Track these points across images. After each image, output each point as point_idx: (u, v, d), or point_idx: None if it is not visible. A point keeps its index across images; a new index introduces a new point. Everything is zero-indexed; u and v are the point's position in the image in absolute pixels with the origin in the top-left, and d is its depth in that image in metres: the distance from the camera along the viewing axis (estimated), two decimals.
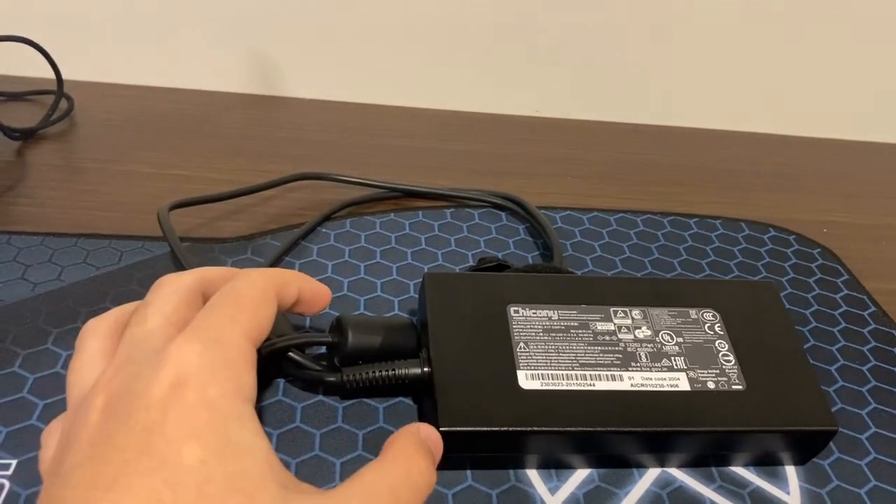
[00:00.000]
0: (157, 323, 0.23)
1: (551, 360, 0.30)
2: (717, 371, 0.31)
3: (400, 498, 0.22)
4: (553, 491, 0.29)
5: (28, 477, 0.27)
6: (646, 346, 0.31)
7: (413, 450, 0.23)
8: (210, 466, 0.19)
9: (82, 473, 0.19)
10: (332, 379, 0.31)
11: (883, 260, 0.48)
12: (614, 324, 0.32)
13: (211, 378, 0.21)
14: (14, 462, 0.28)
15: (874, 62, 0.62)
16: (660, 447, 0.30)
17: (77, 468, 0.19)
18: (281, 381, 0.32)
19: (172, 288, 0.24)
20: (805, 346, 0.39)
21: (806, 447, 0.31)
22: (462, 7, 0.58)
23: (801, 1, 0.59)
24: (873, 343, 0.40)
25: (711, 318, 0.33)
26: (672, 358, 0.31)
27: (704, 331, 0.32)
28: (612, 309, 0.32)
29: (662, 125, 0.63)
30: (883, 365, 0.38)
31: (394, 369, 0.30)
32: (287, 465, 0.27)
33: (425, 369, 0.30)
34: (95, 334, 0.24)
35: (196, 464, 0.19)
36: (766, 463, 0.31)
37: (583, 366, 0.30)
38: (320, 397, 0.32)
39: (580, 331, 0.31)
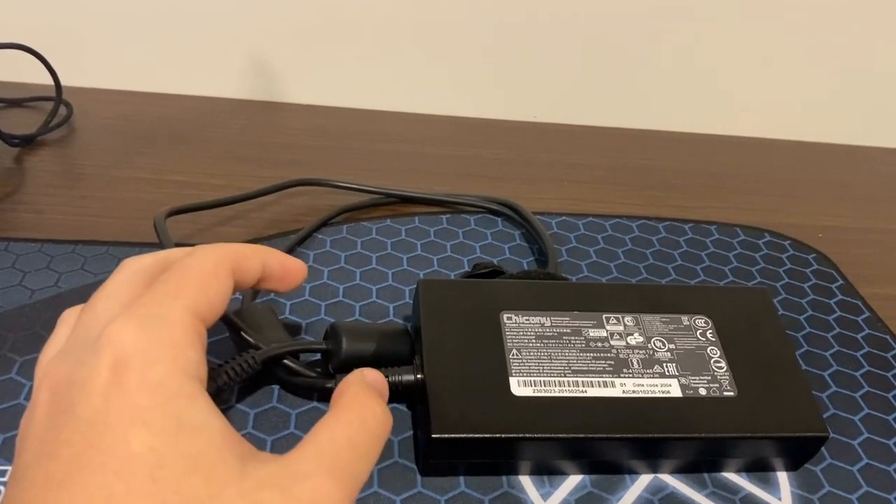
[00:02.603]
0: (106, 307, 0.22)
1: (544, 366, 0.30)
2: (709, 377, 0.31)
3: (359, 447, 0.21)
4: (545, 497, 0.30)
5: None
6: (638, 353, 0.31)
7: (364, 396, 0.23)
8: (161, 451, 0.18)
9: (34, 473, 0.19)
10: (326, 385, 0.31)
11: (878, 265, 0.48)
12: (606, 330, 0.32)
13: (152, 358, 0.20)
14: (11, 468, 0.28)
15: (871, 67, 0.63)
16: (651, 453, 0.30)
17: (29, 467, 0.19)
18: (276, 388, 0.33)
19: (130, 270, 0.24)
20: (799, 352, 0.39)
21: (797, 453, 0.31)
22: (459, 12, 0.58)
23: (797, 6, 0.59)
24: (867, 348, 0.40)
25: (703, 325, 0.33)
26: (664, 364, 0.31)
27: (696, 337, 0.32)
28: (604, 315, 0.32)
29: (658, 130, 0.63)
30: (876, 370, 0.38)
31: (387, 376, 0.30)
32: None
33: (418, 376, 0.30)
34: (66, 323, 0.23)
35: (145, 450, 0.18)
36: (758, 469, 0.32)
37: (575, 372, 0.30)
38: (315, 404, 0.32)
39: (572, 337, 0.31)
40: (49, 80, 0.50)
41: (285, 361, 0.31)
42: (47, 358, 0.22)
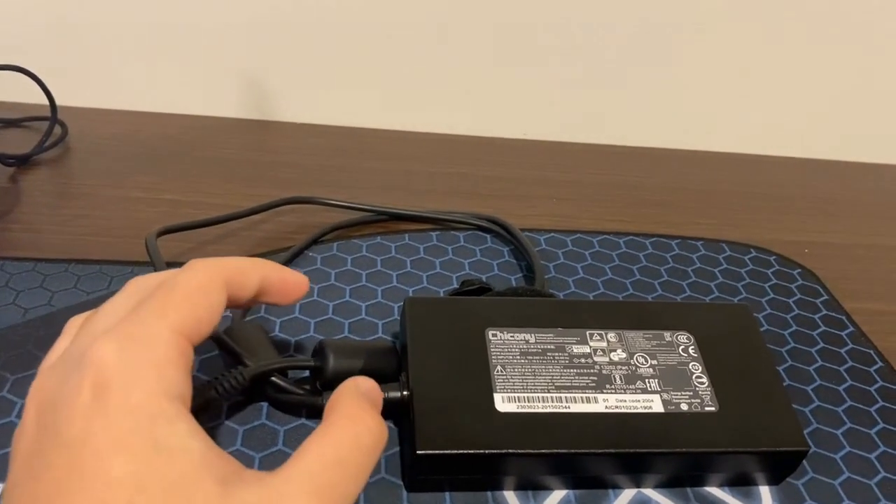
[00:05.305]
0: (104, 323, 0.22)
1: (528, 382, 0.30)
2: (691, 393, 0.31)
3: (348, 465, 0.21)
4: None
5: None
6: (620, 369, 0.32)
7: (356, 408, 0.22)
8: (140, 476, 0.18)
9: (20, 493, 0.19)
10: (314, 402, 0.31)
11: (863, 280, 0.49)
12: (590, 346, 0.32)
13: (132, 380, 0.20)
14: (3, 486, 0.28)
15: (857, 84, 0.64)
16: (635, 468, 0.30)
17: (17, 486, 0.19)
18: (264, 405, 0.33)
19: (135, 288, 0.24)
20: (783, 367, 0.39)
21: (779, 467, 0.32)
22: (449, 31, 0.59)
23: (783, 23, 0.60)
24: (850, 363, 0.40)
25: (685, 341, 0.33)
26: (646, 380, 0.31)
27: (678, 353, 0.33)
28: (588, 332, 0.33)
29: (646, 147, 0.64)
30: (859, 385, 0.39)
31: None
32: None
33: (404, 393, 0.30)
34: (69, 332, 0.24)
35: (124, 475, 0.18)
36: (741, 483, 0.32)
37: (558, 388, 0.30)
38: (303, 420, 0.33)
39: (556, 354, 0.32)
40: (44, 101, 0.51)
41: (273, 378, 0.31)
42: (44, 367, 0.23)
